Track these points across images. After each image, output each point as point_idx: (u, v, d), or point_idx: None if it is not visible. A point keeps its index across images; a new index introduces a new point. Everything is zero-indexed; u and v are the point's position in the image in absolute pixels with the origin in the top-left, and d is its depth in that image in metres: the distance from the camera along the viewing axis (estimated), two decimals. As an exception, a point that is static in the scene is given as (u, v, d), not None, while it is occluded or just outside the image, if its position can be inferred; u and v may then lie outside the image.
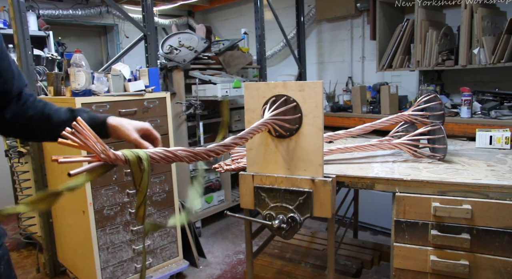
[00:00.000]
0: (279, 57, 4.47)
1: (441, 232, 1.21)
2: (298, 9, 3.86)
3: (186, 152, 0.88)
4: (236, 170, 1.50)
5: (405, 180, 1.27)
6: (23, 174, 2.57)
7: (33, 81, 2.31)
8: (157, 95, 2.31)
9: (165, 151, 0.84)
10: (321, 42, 4.11)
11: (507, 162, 1.46)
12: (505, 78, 2.83)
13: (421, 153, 1.55)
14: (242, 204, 1.42)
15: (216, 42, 3.50)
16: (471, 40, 2.59)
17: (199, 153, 0.91)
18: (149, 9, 2.65)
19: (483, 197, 1.18)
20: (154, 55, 2.71)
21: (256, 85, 1.31)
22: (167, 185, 2.41)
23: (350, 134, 1.68)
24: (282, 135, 1.29)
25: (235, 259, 2.83)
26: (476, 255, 1.19)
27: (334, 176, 1.32)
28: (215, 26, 5.08)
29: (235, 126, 3.57)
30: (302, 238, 2.33)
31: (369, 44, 3.69)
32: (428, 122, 1.59)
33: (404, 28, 3.00)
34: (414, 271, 1.26)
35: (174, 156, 0.85)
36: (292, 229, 1.30)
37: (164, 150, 0.84)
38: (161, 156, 0.83)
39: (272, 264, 2.00)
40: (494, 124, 2.32)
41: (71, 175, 0.68)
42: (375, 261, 2.14)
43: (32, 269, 2.63)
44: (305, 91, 1.24)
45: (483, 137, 1.76)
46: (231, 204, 3.51)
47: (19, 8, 2.24)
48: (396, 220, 1.28)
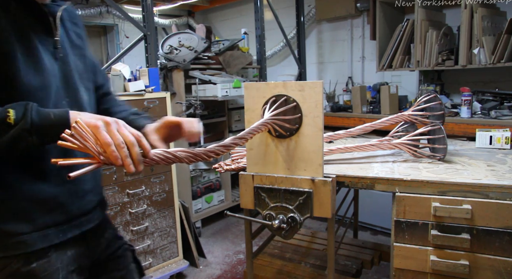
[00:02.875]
0: (279, 57, 4.47)
1: (441, 232, 1.21)
2: (298, 9, 3.86)
3: (186, 153, 0.88)
4: (236, 170, 1.50)
5: (405, 180, 1.27)
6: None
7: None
8: (157, 95, 2.31)
9: (165, 152, 0.84)
10: (321, 42, 4.11)
11: (507, 162, 1.46)
12: (505, 78, 2.83)
13: (421, 153, 1.55)
14: (242, 204, 1.42)
15: (216, 42, 3.50)
16: (471, 40, 2.59)
17: (199, 153, 0.91)
18: (149, 9, 2.65)
19: (483, 197, 1.18)
20: (154, 55, 2.71)
21: (256, 85, 1.31)
22: (167, 185, 2.41)
23: (350, 135, 1.68)
24: (282, 135, 1.29)
25: (235, 259, 2.83)
26: (476, 255, 1.19)
27: (334, 176, 1.32)
28: (215, 26, 5.08)
29: (235, 126, 3.57)
30: (302, 238, 2.33)
31: (369, 44, 3.69)
32: (428, 122, 1.59)
33: (404, 28, 3.00)
34: (414, 271, 1.26)
35: (174, 157, 0.85)
36: (292, 229, 1.30)
37: (164, 151, 0.84)
38: (161, 157, 0.83)
39: (272, 264, 2.00)
40: (494, 124, 2.32)
41: (70, 178, 0.68)
42: (375, 261, 2.14)
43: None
44: (305, 91, 1.24)
45: (483, 137, 1.76)
46: (231, 204, 3.51)
47: (19, 8, 2.23)
48: (396, 220, 1.28)
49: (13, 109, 0.76)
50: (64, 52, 0.96)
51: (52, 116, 0.78)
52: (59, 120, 0.78)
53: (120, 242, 1.15)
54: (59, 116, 0.78)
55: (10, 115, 0.76)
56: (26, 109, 0.77)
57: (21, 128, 0.76)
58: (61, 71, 0.94)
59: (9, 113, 0.76)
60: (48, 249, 0.90)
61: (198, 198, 3.30)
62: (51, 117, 0.78)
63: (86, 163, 0.72)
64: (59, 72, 0.93)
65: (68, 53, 0.97)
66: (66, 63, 0.96)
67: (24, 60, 0.84)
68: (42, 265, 0.88)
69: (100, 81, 1.14)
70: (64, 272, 0.92)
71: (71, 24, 1.03)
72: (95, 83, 1.10)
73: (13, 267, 0.86)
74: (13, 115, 0.76)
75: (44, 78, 0.87)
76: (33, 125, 0.76)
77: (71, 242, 0.95)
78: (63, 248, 0.93)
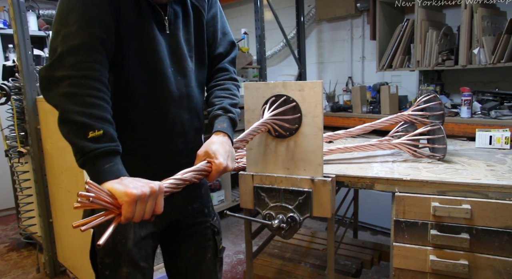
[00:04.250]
0: (279, 57, 4.47)
1: (440, 232, 1.21)
2: (298, 9, 3.86)
3: (192, 172, 0.91)
4: (236, 170, 1.50)
5: (404, 180, 1.27)
6: (23, 174, 2.57)
7: (33, 81, 2.32)
8: (157, 95, 2.31)
9: (176, 180, 0.87)
10: (321, 42, 4.11)
11: (507, 162, 1.46)
12: (505, 78, 2.83)
13: (421, 153, 1.55)
14: (242, 204, 1.42)
15: (216, 42, 3.50)
16: (471, 40, 2.59)
17: (203, 168, 0.94)
18: (149, 9, 2.65)
19: (483, 197, 1.18)
20: (154, 55, 2.71)
21: (256, 85, 1.31)
22: (167, 185, 2.41)
23: (350, 134, 1.68)
24: (282, 135, 1.29)
25: (235, 259, 2.83)
26: (476, 255, 1.19)
27: (333, 175, 1.32)
28: (215, 26, 5.07)
29: (235, 126, 3.56)
30: (302, 238, 2.33)
31: (369, 44, 3.69)
32: (428, 122, 1.59)
33: (404, 28, 3.00)
34: (414, 271, 1.27)
35: (183, 182, 0.88)
36: (291, 229, 1.30)
37: (174, 179, 0.87)
38: (172, 186, 0.86)
39: (272, 264, 2.00)
40: (494, 124, 2.32)
41: (100, 246, 0.70)
42: (375, 261, 2.14)
43: (32, 269, 2.63)
44: (304, 91, 1.24)
45: (483, 137, 1.76)
46: (231, 204, 3.51)
47: (19, 8, 2.24)
48: (395, 220, 1.28)
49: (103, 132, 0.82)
50: (174, 27, 1.04)
51: (92, 176, 0.81)
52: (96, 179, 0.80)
53: (205, 219, 1.19)
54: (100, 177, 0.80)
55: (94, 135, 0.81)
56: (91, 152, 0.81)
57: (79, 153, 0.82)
58: (168, 44, 1.02)
59: (98, 131, 0.82)
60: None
61: (198, 198, 3.29)
62: (91, 175, 0.81)
63: (106, 219, 0.73)
64: (166, 44, 1.02)
65: (178, 26, 1.05)
66: (175, 36, 1.04)
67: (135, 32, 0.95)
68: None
69: (218, 51, 1.19)
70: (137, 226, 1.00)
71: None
72: (213, 52, 1.17)
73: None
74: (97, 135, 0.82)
75: (152, 47, 0.98)
76: (80, 165, 0.83)
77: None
78: None
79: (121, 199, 0.74)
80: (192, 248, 1.17)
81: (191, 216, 1.16)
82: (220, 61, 1.19)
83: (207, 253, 1.19)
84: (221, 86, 1.17)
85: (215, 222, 1.23)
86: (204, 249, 1.18)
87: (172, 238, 1.16)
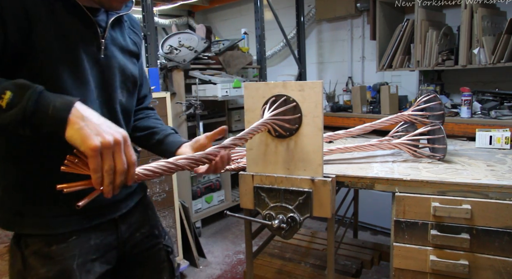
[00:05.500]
0: (279, 57, 4.47)
1: (440, 232, 1.21)
2: (298, 9, 3.86)
3: (187, 160, 0.89)
4: (236, 170, 1.50)
5: (404, 180, 1.27)
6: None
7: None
8: (157, 95, 2.31)
9: (167, 162, 0.85)
10: (321, 42, 4.11)
11: (507, 162, 1.46)
12: (505, 78, 2.83)
13: (421, 153, 1.55)
14: (242, 204, 1.42)
15: (216, 42, 3.50)
16: (471, 40, 2.59)
17: (199, 158, 0.92)
18: (149, 9, 2.65)
19: (483, 197, 1.18)
20: (154, 55, 2.71)
21: (256, 85, 1.31)
22: (167, 185, 2.41)
23: (350, 134, 1.68)
24: (282, 135, 1.29)
25: (235, 259, 2.83)
26: (476, 255, 1.19)
27: (333, 176, 1.32)
28: (215, 26, 5.07)
29: (235, 126, 3.57)
30: (302, 238, 2.33)
31: (369, 44, 3.69)
32: (428, 122, 1.59)
33: (404, 28, 3.00)
34: (414, 271, 1.26)
35: (176, 166, 0.87)
36: (291, 229, 1.30)
37: (165, 161, 0.85)
38: (163, 168, 0.84)
39: (272, 264, 2.00)
40: (494, 124, 2.32)
41: (79, 207, 0.70)
42: (375, 261, 2.14)
43: (32, 269, 2.62)
44: (304, 91, 1.24)
45: (483, 137, 1.76)
46: (231, 204, 3.51)
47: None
48: (395, 220, 1.28)
49: (11, 92, 0.66)
50: (108, 54, 0.93)
51: (49, 112, 0.68)
52: (58, 116, 0.68)
53: (157, 241, 1.14)
54: (59, 110, 0.68)
55: (5, 97, 0.65)
56: (25, 95, 0.66)
57: (12, 117, 0.66)
58: (99, 72, 0.91)
59: (4, 95, 0.65)
60: (69, 235, 0.90)
61: (198, 198, 3.30)
62: (48, 111, 0.67)
63: (90, 186, 0.72)
64: (98, 73, 0.91)
65: (114, 55, 0.95)
66: (108, 65, 0.93)
67: (60, 58, 0.81)
68: (60, 249, 0.89)
69: (143, 93, 1.18)
70: (80, 259, 0.91)
71: (130, 31, 1.05)
72: (139, 92, 1.13)
73: (36, 246, 0.88)
74: (8, 98, 0.66)
75: (80, 76, 0.85)
76: (26, 116, 0.66)
77: (97, 229, 0.95)
78: (86, 235, 0.93)
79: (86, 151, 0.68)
80: (147, 273, 1.11)
81: (140, 242, 1.09)
82: (143, 103, 1.20)
83: (162, 275, 1.14)
84: (155, 117, 1.20)
85: (167, 242, 1.17)
86: (160, 271, 1.14)
87: (124, 270, 1.08)
